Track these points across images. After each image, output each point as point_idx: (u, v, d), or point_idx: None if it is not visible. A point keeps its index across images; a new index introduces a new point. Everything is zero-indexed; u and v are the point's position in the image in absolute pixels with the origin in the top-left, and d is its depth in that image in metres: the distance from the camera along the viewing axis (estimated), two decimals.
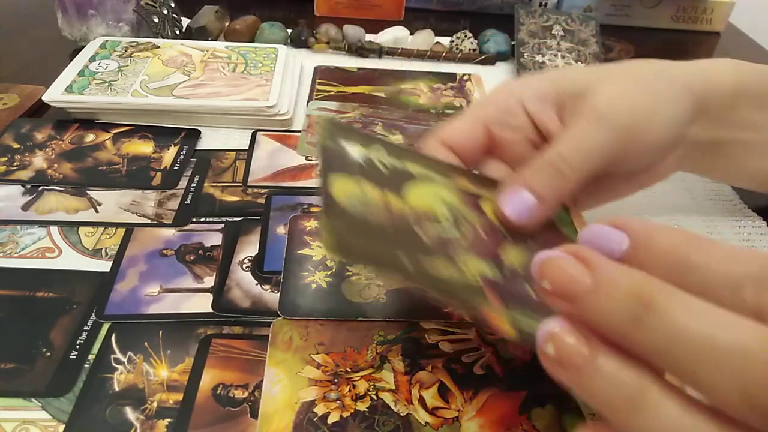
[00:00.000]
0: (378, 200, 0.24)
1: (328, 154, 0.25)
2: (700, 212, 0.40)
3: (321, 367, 0.28)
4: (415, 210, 0.25)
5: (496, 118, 0.30)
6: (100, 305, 0.30)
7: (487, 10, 0.70)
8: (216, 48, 0.51)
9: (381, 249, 0.22)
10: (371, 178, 0.25)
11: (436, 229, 0.24)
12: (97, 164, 0.40)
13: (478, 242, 0.25)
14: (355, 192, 0.24)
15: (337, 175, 0.24)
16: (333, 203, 0.23)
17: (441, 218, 0.25)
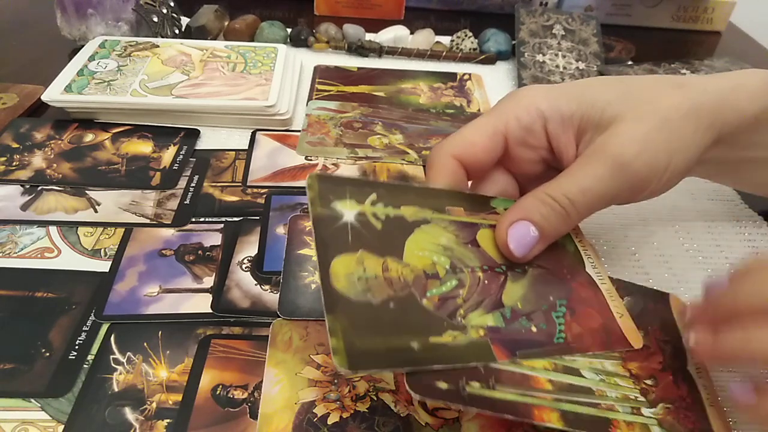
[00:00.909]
0: (379, 273, 0.24)
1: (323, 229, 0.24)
2: (701, 212, 0.39)
3: (321, 367, 0.28)
4: (416, 270, 0.25)
5: (517, 135, 0.29)
6: (100, 305, 0.30)
7: (487, 9, 0.70)
8: (215, 47, 0.51)
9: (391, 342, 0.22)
10: (369, 245, 0.25)
11: (439, 290, 0.25)
12: (96, 164, 0.40)
13: (479, 289, 0.26)
14: (356, 271, 0.24)
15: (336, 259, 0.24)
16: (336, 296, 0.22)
17: (440, 270, 0.25)
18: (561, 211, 0.26)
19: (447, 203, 0.28)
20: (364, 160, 0.42)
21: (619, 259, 0.35)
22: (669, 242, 0.37)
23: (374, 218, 0.26)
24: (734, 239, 0.38)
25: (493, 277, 0.26)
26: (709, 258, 0.36)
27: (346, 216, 0.25)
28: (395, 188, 0.27)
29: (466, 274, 0.26)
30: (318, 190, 0.25)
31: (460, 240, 0.27)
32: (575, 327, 0.26)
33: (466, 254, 0.27)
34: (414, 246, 0.26)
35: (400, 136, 0.45)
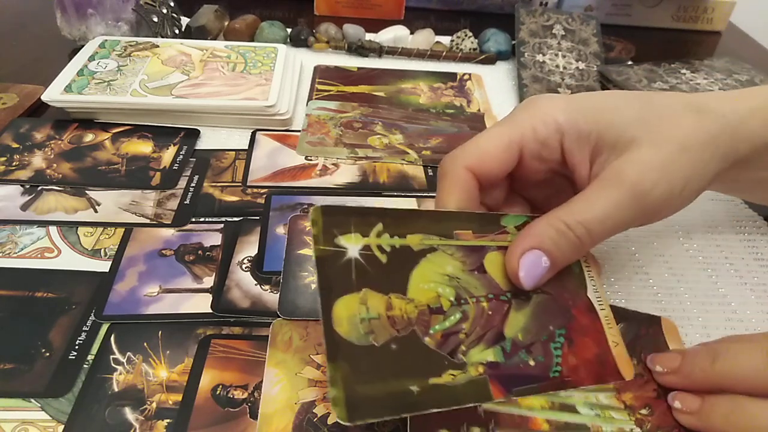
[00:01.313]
0: (382, 312, 0.24)
1: (326, 268, 0.24)
2: (702, 213, 0.39)
3: (321, 367, 0.28)
4: (420, 306, 0.25)
5: (533, 149, 0.29)
6: (99, 305, 0.30)
7: (487, 9, 0.70)
8: (215, 47, 0.51)
9: (391, 387, 0.22)
10: (373, 282, 0.24)
11: (442, 325, 0.25)
12: (96, 164, 0.40)
13: (483, 322, 0.25)
14: (359, 313, 0.23)
15: (338, 302, 0.23)
16: (338, 341, 0.22)
17: (444, 303, 0.25)
18: (576, 241, 0.26)
19: (455, 226, 0.27)
20: (364, 160, 0.42)
21: (619, 259, 0.35)
22: (669, 242, 0.37)
23: (379, 251, 0.25)
24: (734, 239, 0.38)
25: (498, 307, 0.26)
26: (709, 258, 0.36)
27: (351, 252, 0.25)
28: (402, 216, 0.27)
29: (471, 306, 0.26)
30: (322, 226, 0.25)
31: (467, 267, 0.26)
32: (571, 359, 0.26)
33: (472, 282, 0.26)
34: (419, 278, 0.25)
35: (400, 136, 0.45)
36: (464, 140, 0.29)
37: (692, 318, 0.32)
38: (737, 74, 0.51)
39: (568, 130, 0.28)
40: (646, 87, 0.48)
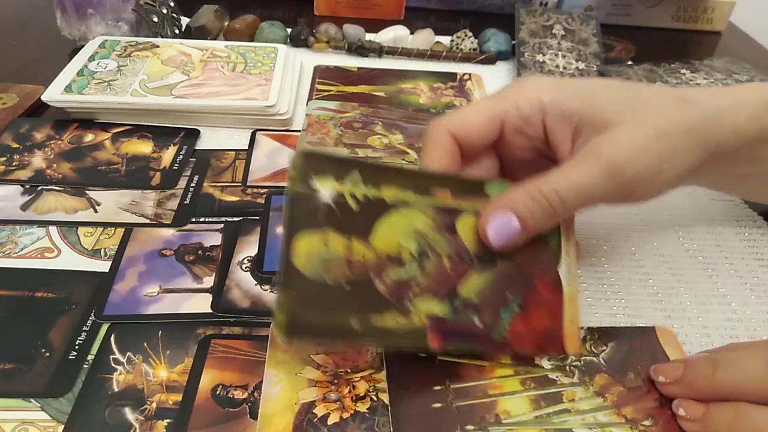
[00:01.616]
0: (341, 253, 0.25)
1: (296, 207, 0.25)
2: (701, 212, 0.39)
3: (321, 367, 0.28)
4: (380, 254, 0.26)
5: (515, 123, 0.30)
6: (99, 305, 0.30)
7: (487, 9, 0.70)
8: (215, 47, 0.51)
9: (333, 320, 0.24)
10: (338, 225, 0.25)
11: (397, 273, 0.25)
12: (96, 164, 0.40)
13: (439, 277, 0.26)
14: (318, 249, 0.24)
15: (301, 235, 0.24)
16: (292, 271, 0.24)
17: (405, 255, 0.26)
18: (548, 207, 0.27)
19: (434, 184, 0.28)
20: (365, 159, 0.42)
21: (620, 259, 0.35)
22: (669, 242, 0.37)
23: (352, 199, 0.26)
24: (734, 239, 0.38)
25: (459, 267, 0.27)
26: (709, 258, 0.36)
27: (323, 195, 0.25)
28: (382, 168, 0.28)
29: (432, 261, 0.26)
30: (300, 168, 0.25)
31: (437, 225, 0.27)
32: (520, 326, 0.27)
33: (439, 241, 0.27)
34: (385, 228, 0.26)
35: (400, 136, 0.45)
36: None
37: (692, 318, 0.32)
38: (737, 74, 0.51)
39: (551, 109, 0.29)
40: None
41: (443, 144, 0.29)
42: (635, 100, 0.29)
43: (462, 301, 0.26)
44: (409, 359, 0.28)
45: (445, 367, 0.28)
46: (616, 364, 0.29)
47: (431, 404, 0.26)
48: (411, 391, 0.27)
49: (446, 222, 0.27)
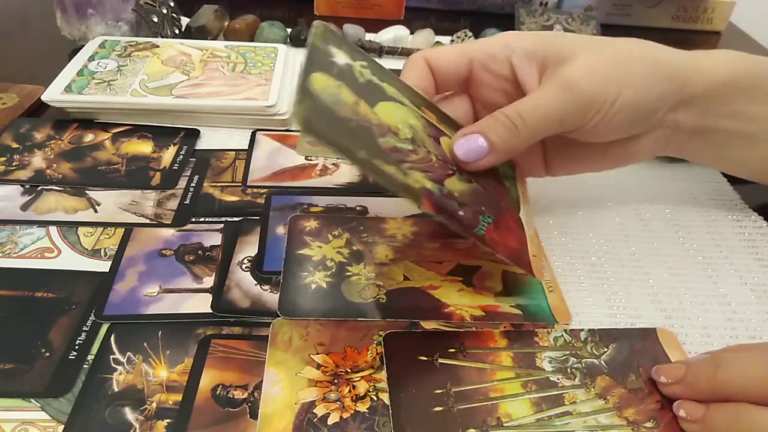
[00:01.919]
0: (350, 101, 0.26)
1: (314, 54, 0.27)
2: (701, 212, 0.39)
3: (321, 367, 0.28)
4: (381, 121, 0.27)
5: (482, 59, 0.33)
6: (99, 305, 0.30)
7: (487, 9, 0.70)
8: (215, 47, 0.51)
9: (343, 139, 0.25)
10: (348, 84, 0.27)
11: (396, 142, 0.27)
12: (96, 164, 0.40)
13: (428, 165, 0.28)
14: (332, 88, 0.26)
15: (317, 73, 0.26)
16: (308, 91, 0.25)
17: (402, 135, 0.28)
18: (511, 127, 0.29)
19: (424, 105, 0.31)
20: None
21: (620, 259, 0.35)
22: (669, 242, 0.37)
23: (359, 74, 0.29)
24: (734, 239, 0.38)
25: (443, 167, 0.29)
26: (709, 258, 0.36)
27: (338, 57, 0.28)
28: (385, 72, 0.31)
29: (423, 149, 0.28)
30: (321, 33, 0.28)
31: (426, 130, 0.30)
32: (494, 236, 0.28)
33: (428, 141, 0.29)
34: (385, 108, 0.28)
35: None
36: None
37: (692, 318, 0.32)
38: None
39: (516, 47, 0.32)
40: None
41: (419, 66, 0.33)
42: (597, 42, 0.32)
43: (447, 191, 0.28)
44: (409, 362, 0.28)
45: (446, 370, 0.28)
46: (618, 366, 0.29)
47: (432, 408, 0.26)
48: (412, 394, 0.27)
49: (433, 133, 0.30)
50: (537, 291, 0.32)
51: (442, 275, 0.33)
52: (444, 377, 0.28)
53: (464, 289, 0.32)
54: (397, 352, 0.29)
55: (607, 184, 0.41)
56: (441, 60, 0.33)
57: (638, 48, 0.32)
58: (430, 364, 0.28)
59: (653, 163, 0.43)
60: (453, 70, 0.33)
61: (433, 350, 0.29)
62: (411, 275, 0.33)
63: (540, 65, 0.32)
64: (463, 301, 0.32)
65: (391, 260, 0.34)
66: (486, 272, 0.34)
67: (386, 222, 0.37)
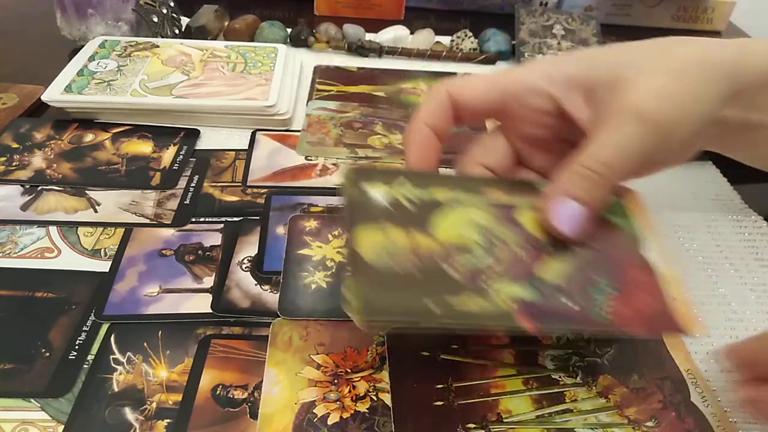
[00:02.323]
0: (405, 244, 0.24)
1: (352, 205, 0.25)
2: (701, 212, 0.39)
3: (321, 367, 0.28)
4: (445, 244, 0.25)
5: (518, 93, 0.29)
6: (99, 305, 0.30)
7: (487, 9, 0.70)
8: (215, 47, 0.51)
9: (408, 302, 0.22)
10: (397, 221, 0.25)
11: (468, 260, 0.24)
12: (96, 164, 0.40)
13: (514, 263, 0.25)
14: (381, 242, 0.24)
15: (362, 228, 0.24)
16: (359, 261, 0.23)
17: (472, 246, 0.25)
18: (598, 179, 0.26)
19: (483, 185, 0.28)
20: (364, 160, 0.42)
21: None
22: (669, 242, 0.37)
23: (404, 198, 0.26)
24: (734, 239, 0.38)
25: (532, 253, 0.25)
26: (709, 258, 0.36)
27: (376, 196, 0.26)
28: (426, 175, 0.28)
29: (501, 249, 0.25)
30: (350, 177, 0.26)
31: (496, 219, 0.26)
32: (621, 308, 0.25)
33: (504, 231, 0.26)
34: (445, 223, 0.25)
35: (400, 136, 0.45)
36: (464, 140, 0.30)
37: None
38: None
39: (556, 76, 0.29)
40: None
41: (438, 101, 0.29)
42: (642, 50, 0.28)
43: (545, 284, 0.25)
44: (411, 357, 0.28)
45: (448, 365, 0.28)
46: (621, 366, 0.29)
47: (433, 402, 0.26)
48: (413, 388, 0.27)
49: (505, 215, 0.27)
50: None
51: None
52: (445, 372, 0.28)
53: None
54: (400, 347, 0.29)
55: None
56: (467, 94, 0.29)
57: (685, 50, 0.28)
58: (432, 359, 0.28)
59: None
60: (481, 106, 0.30)
61: (434, 346, 0.29)
62: None
63: (586, 91, 0.28)
64: None
65: None
66: None
67: None
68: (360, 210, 0.25)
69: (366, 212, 0.25)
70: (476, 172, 0.30)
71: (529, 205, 0.27)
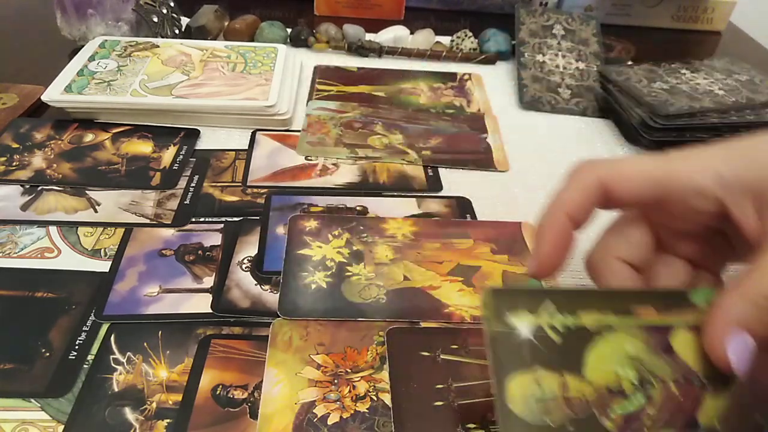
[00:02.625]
0: (557, 392, 0.23)
1: (499, 347, 0.24)
2: None
3: (321, 367, 0.28)
4: (598, 387, 0.24)
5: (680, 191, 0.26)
6: (99, 305, 0.30)
7: (487, 9, 0.70)
8: (215, 47, 0.51)
9: None
10: (546, 362, 0.24)
11: (623, 407, 0.24)
12: (96, 164, 0.40)
13: (671, 406, 0.24)
14: (533, 391, 0.23)
15: (511, 377, 0.23)
16: (511, 417, 0.22)
17: (626, 385, 0.24)
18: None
19: (634, 302, 0.26)
20: (364, 160, 0.42)
21: None
22: None
23: (552, 331, 0.25)
24: None
25: (689, 391, 0.24)
26: None
27: (522, 331, 0.24)
28: (573, 294, 0.26)
29: (657, 388, 0.24)
30: (491, 306, 0.24)
31: (651, 347, 0.25)
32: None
33: (658, 364, 0.25)
34: (596, 359, 0.24)
35: (400, 136, 0.45)
36: (464, 140, 0.29)
37: None
38: (737, 74, 0.51)
39: (732, 181, 0.25)
40: (646, 87, 0.48)
41: (586, 186, 0.26)
42: None
43: (710, 427, 0.23)
44: (411, 357, 0.28)
45: (448, 365, 0.28)
46: None
47: (433, 402, 0.26)
48: (413, 388, 0.27)
49: (659, 342, 0.25)
50: None
51: (442, 275, 0.33)
52: (445, 373, 0.28)
53: (464, 289, 0.32)
54: (400, 348, 0.29)
55: None
56: (622, 186, 0.26)
57: None
58: (431, 359, 0.28)
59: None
60: (634, 200, 0.26)
61: (435, 346, 0.29)
62: (411, 275, 0.33)
63: (755, 196, 0.25)
64: (463, 301, 0.32)
65: (391, 260, 0.34)
66: (486, 272, 0.34)
67: (386, 222, 0.37)
68: (508, 354, 0.24)
69: (514, 356, 0.24)
70: (616, 272, 0.27)
71: (685, 324, 0.25)
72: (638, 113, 0.46)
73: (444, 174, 0.42)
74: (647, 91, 0.47)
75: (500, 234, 0.36)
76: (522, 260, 0.34)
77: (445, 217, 0.38)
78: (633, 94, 0.47)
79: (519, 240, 0.36)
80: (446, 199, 0.40)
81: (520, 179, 0.42)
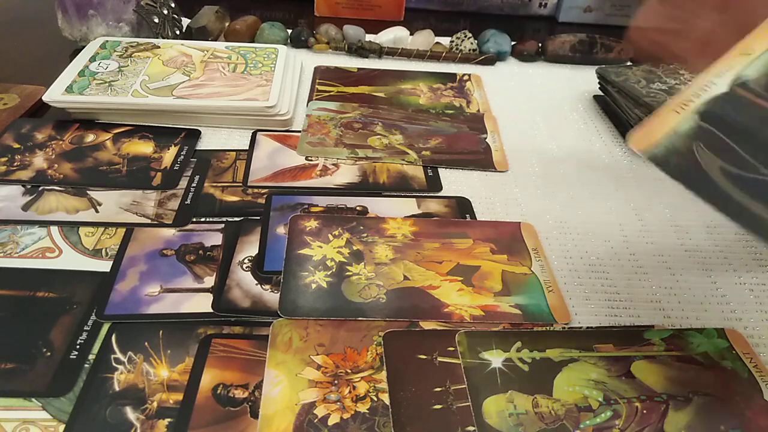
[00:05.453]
0: (530, 409, 0.26)
1: (473, 376, 0.27)
2: (701, 213, 0.39)
3: (321, 368, 0.28)
4: (567, 404, 0.26)
5: None
6: (101, 305, 0.30)
7: (487, 10, 0.70)
8: (216, 48, 0.51)
9: None
10: (517, 386, 0.27)
11: (593, 421, 0.26)
12: (97, 164, 0.40)
13: (637, 420, 0.26)
14: (507, 408, 0.26)
15: (487, 400, 0.26)
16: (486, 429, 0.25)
17: (593, 403, 0.26)
18: None
19: (594, 341, 0.29)
20: (364, 161, 0.43)
21: (619, 259, 0.36)
22: (669, 242, 0.37)
23: (521, 362, 0.28)
24: (734, 239, 0.38)
25: (653, 407, 0.26)
26: (709, 258, 0.36)
27: (494, 363, 0.28)
28: (539, 334, 0.29)
29: (622, 405, 0.26)
30: (466, 345, 0.28)
31: (612, 373, 0.28)
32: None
33: (621, 386, 0.27)
34: (563, 383, 0.27)
35: (400, 137, 0.45)
36: (464, 140, 0.30)
37: (691, 318, 0.32)
38: None
39: None
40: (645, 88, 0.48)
41: None
42: None
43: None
44: (409, 360, 0.28)
45: (445, 368, 0.28)
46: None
47: (431, 405, 0.26)
48: (411, 392, 0.27)
49: (620, 369, 0.28)
50: (536, 291, 0.32)
51: (442, 275, 0.33)
52: (443, 375, 0.28)
53: (464, 288, 0.32)
54: (397, 351, 0.29)
55: (607, 184, 0.41)
56: None
57: None
58: (429, 362, 0.28)
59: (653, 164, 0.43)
60: None
61: (432, 349, 0.29)
62: (411, 275, 0.33)
63: None
64: (462, 301, 0.32)
65: (391, 260, 0.34)
66: (485, 272, 0.34)
67: (386, 222, 0.37)
68: (481, 380, 0.27)
69: (488, 381, 0.27)
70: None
71: (642, 356, 0.29)
72: (637, 114, 0.46)
73: (444, 174, 0.42)
74: (646, 92, 0.47)
75: (500, 234, 0.36)
76: (521, 260, 0.35)
77: (445, 217, 0.38)
78: (632, 95, 0.47)
79: (518, 240, 0.36)
80: (446, 199, 0.40)
81: (520, 179, 0.42)
